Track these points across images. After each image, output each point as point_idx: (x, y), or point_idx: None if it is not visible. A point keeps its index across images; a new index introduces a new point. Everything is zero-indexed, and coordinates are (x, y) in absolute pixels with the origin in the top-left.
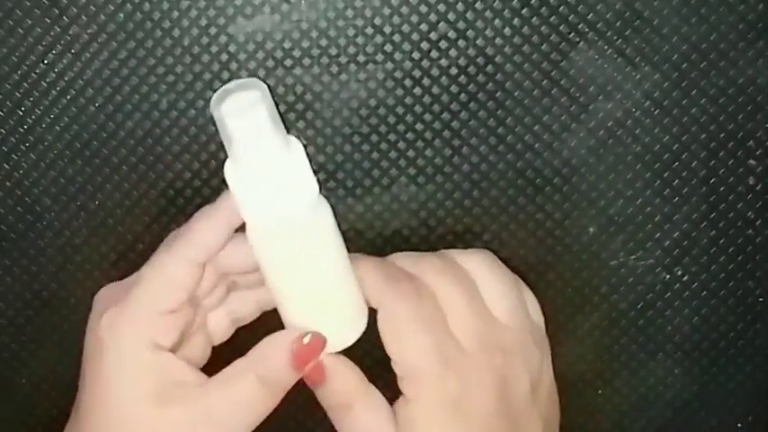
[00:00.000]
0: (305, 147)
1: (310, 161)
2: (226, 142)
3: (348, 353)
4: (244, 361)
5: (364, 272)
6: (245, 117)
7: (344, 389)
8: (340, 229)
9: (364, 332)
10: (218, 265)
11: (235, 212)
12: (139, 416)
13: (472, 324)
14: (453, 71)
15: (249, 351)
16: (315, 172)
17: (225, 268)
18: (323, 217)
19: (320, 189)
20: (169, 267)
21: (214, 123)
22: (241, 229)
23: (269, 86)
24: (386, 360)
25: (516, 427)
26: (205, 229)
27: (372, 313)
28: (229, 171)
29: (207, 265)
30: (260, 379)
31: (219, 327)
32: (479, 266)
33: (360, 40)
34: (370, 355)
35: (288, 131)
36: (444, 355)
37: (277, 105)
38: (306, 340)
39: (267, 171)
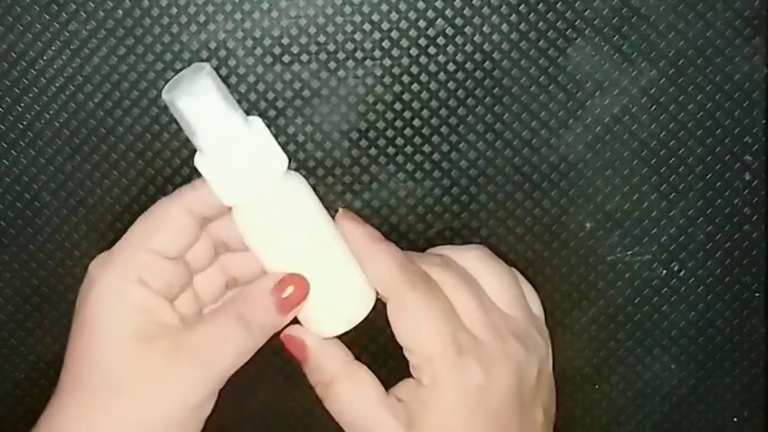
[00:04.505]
0: (269, 127)
1: (275, 137)
2: (189, 133)
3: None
4: (228, 301)
5: (374, 260)
6: (197, 99)
7: (326, 367)
8: (327, 208)
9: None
10: (215, 235)
11: None
12: (122, 350)
13: (481, 315)
14: (451, 67)
15: (234, 294)
16: (284, 147)
17: (223, 238)
18: (297, 190)
19: (289, 163)
20: (163, 208)
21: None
22: None
23: (216, 69)
24: (390, 347)
25: (524, 415)
26: (205, 188)
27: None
28: (199, 161)
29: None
30: (241, 317)
31: (212, 286)
32: (476, 262)
33: (357, 36)
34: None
35: (287, 126)
36: (462, 344)
37: (228, 86)
38: (286, 294)
39: (230, 150)
